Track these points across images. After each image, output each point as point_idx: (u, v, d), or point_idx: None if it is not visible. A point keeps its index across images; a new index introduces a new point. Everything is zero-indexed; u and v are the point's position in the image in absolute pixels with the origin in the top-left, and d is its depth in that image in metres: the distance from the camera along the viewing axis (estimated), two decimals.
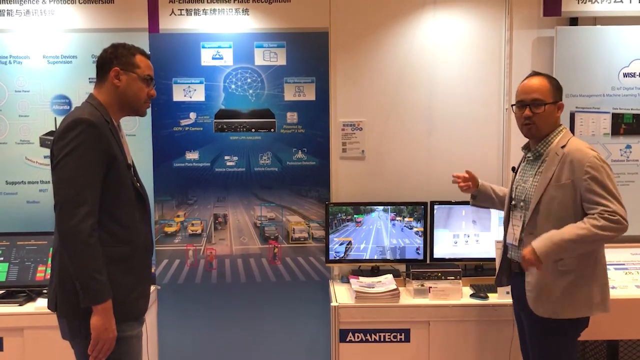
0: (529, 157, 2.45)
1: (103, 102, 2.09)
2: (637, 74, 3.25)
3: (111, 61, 2.09)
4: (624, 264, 3.10)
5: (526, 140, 2.48)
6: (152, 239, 2.23)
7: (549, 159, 2.32)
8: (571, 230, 2.19)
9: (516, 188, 2.46)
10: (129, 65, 2.10)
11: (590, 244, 2.22)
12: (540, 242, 2.21)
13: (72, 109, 3.18)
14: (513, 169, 2.56)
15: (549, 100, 2.34)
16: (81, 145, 1.92)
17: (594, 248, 2.27)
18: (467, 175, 2.78)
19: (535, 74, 2.43)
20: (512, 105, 2.48)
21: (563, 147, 2.30)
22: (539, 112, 2.34)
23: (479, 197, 2.80)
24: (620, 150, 3.28)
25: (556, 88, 2.39)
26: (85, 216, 1.89)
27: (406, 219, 3.21)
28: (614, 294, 2.86)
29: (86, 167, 1.92)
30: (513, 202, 2.47)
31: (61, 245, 1.94)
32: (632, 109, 3.27)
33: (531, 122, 2.36)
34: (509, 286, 2.63)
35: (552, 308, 2.28)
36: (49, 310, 2.10)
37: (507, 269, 2.54)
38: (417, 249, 3.20)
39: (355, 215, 3.21)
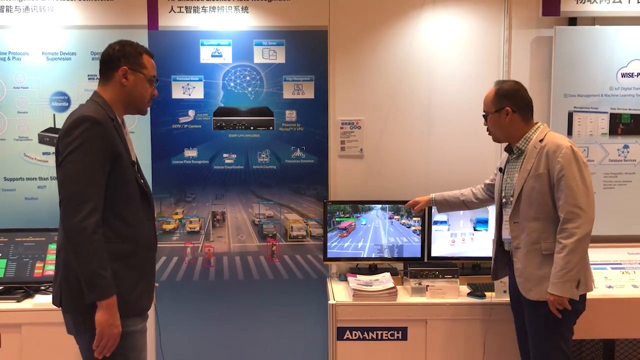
0: (512, 156, 2.58)
1: (108, 100, 2.09)
2: (635, 74, 3.25)
3: (119, 59, 2.08)
4: (620, 264, 3.11)
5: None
6: (156, 235, 2.23)
7: (529, 153, 2.48)
8: (557, 259, 2.34)
9: (505, 187, 2.60)
10: (137, 65, 2.11)
11: (580, 250, 2.33)
12: (550, 288, 2.35)
13: (71, 106, 3.23)
14: (500, 169, 2.66)
15: (491, 110, 2.54)
16: (86, 142, 1.92)
17: (587, 245, 2.37)
18: (413, 203, 3.01)
19: (494, 84, 2.60)
20: None
21: (541, 140, 2.45)
22: (488, 123, 2.58)
23: (438, 207, 3.01)
24: (618, 150, 3.29)
25: (501, 95, 2.51)
26: (90, 213, 1.90)
27: (410, 220, 3.22)
28: (611, 293, 2.89)
29: (91, 164, 1.93)
30: (504, 200, 2.60)
31: (66, 242, 1.94)
32: (630, 109, 3.27)
33: (488, 130, 2.60)
34: (507, 285, 2.74)
35: (539, 290, 2.40)
36: (54, 306, 2.10)
37: (502, 262, 2.66)
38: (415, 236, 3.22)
39: (337, 219, 3.20)
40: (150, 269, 2.19)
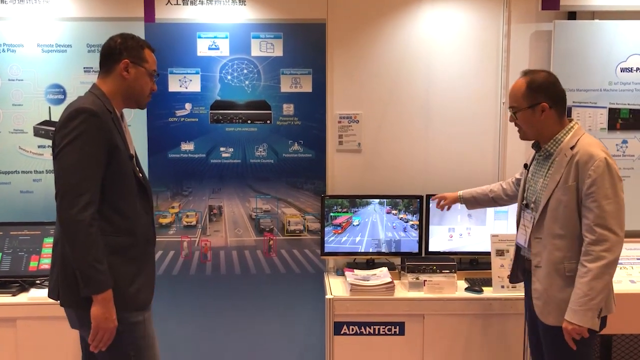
0: (539, 156, 2.36)
1: (106, 93, 2.07)
2: (635, 68, 3.24)
3: (121, 52, 2.07)
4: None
5: None
6: (154, 229, 2.22)
7: (558, 160, 2.23)
8: (579, 284, 2.13)
9: (528, 188, 2.40)
10: (138, 59, 2.09)
11: (606, 276, 2.12)
12: (568, 315, 2.14)
13: (67, 98, 3.21)
14: (525, 165, 2.47)
15: (523, 106, 2.25)
16: (83, 134, 1.91)
17: (613, 271, 2.16)
18: (440, 197, 2.94)
19: (523, 73, 2.32)
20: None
21: (572, 147, 2.20)
22: (516, 119, 2.31)
23: (467, 205, 2.89)
24: (617, 145, 3.28)
25: (534, 89, 2.24)
26: (86, 205, 1.89)
27: (407, 215, 3.21)
28: None
29: (87, 156, 1.92)
30: (524, 202, 2.41)
31: (62, 234, 1.93)
32: (628, 104, 3.26)
33: (517, 126, 2.34)
34: (510, 282, 2.61)
35: (560, 316, 2.19)
36: (49, 300, 2.10)
37: (522, 266, 2.47)
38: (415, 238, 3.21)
39: (332, 214, 3.18)
40: (150, 263, 2.17)
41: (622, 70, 3.24)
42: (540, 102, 2.23)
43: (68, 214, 1.88)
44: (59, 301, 2.05)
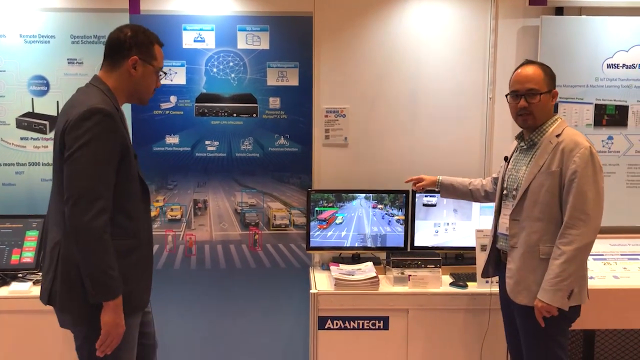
0: (522, 146, 2.42)
1: (111, 88, 2.00)
2: (621, 65, 3.24)
3: (130, 48, 2.00)
4: (602, 255, 3.12)
5: (519, 129, 2.47)
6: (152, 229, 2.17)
7: (542, 147, 2.31)
8: (553, 265, 2.21)
9: (508, 178, 2.45)
10: (148, 56, 2.03)
11: (578, 259, 2.21)
12: (540, 294, 2.23)
13: (50, 90, 3.16)
14: (505, 158, 2.52)
15: (544, 90, 2.32)
16: (97, 136, 1.84)
17: (587, 256, 2.26)
18: (417, 179, 2.92)
19: (528, 62, 2.41)
20: (506, 95, 2.44)
21: (558, 135, 2.29)
22: (534, 102, 2.32)
23: (442, 191, 2.89)
24: (602, 141, 3.29)
25: (550, 76, 2.36)
26: (101, 211, 1.82)
27: (393, 210, 3.20)
28: (592, 284, 2.88)
29: (102, 160, 1.85)
30: (505, 192, 2.46)
31: (73, 240, 1.85)
32: (614, 100, 3.27)
33: (527, 112, 2.33)
34: (481, 277, 2.66)
35: (529, 296, 2.29)
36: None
37: (494, 260, 2.54)
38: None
39: (318, 208, 3.17)
40: (150, 265, 2.14)
41: (609, 66, 3.25)
42: (553, 88, 2.36)
43: (81, 221, 1.80)
44: (56, 306, 1.98)
